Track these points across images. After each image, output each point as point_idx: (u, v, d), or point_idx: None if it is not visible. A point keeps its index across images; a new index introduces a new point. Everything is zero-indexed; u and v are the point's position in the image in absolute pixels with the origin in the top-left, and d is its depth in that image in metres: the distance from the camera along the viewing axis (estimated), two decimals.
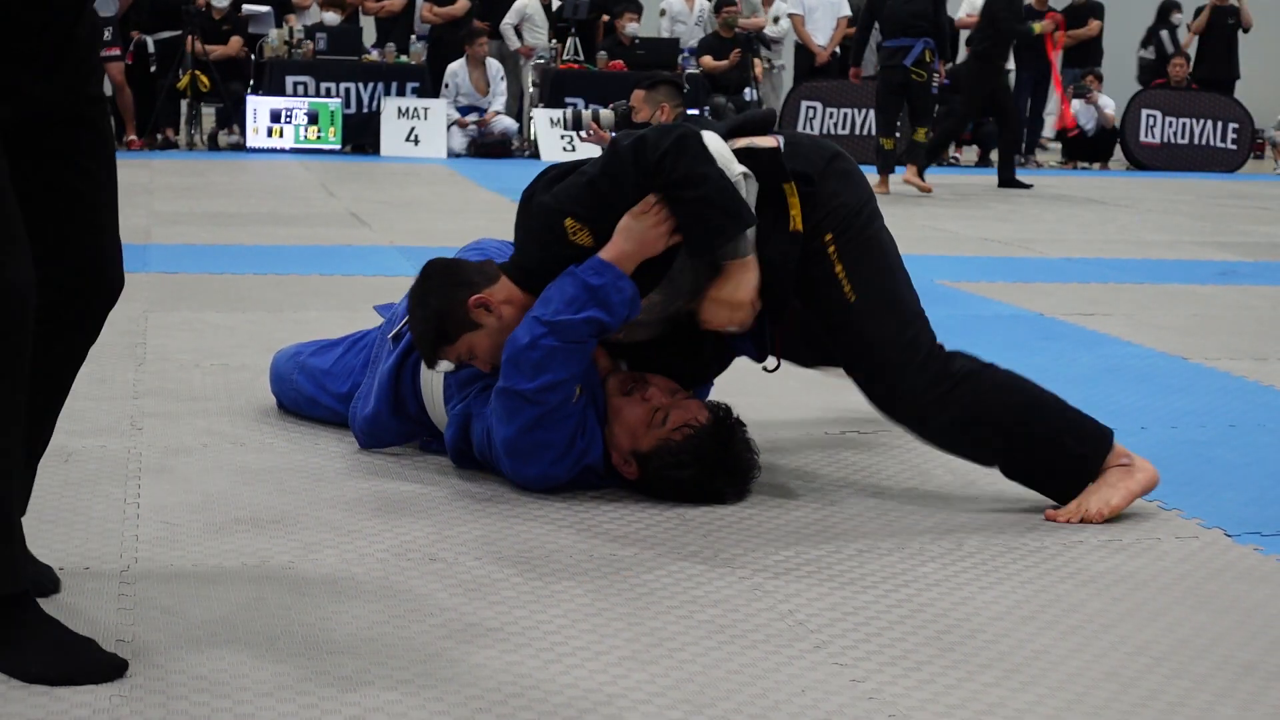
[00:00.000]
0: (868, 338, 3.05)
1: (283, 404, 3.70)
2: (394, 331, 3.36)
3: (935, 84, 10.76)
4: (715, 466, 3.05)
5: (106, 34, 12.30)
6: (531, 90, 13.80)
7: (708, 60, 13.96)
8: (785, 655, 2.29)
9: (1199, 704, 2.18)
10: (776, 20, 14.80)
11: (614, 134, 5.72)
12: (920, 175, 10.75)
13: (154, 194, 9.00)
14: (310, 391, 3.58)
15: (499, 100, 13.37)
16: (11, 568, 2.10)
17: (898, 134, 10.92)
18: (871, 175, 11.08)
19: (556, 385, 2.94)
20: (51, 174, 2.17)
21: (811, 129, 14.19)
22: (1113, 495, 3.04)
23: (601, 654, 2.27)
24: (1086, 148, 15.17)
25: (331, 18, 13.43)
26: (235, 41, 12.99)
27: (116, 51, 12.39)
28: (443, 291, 3.04)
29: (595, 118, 6.17)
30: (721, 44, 14.12)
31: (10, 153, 2.10)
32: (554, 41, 13.98)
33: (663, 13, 14.88)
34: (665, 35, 14.50)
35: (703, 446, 3.02)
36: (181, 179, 10.11)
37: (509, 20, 14.10)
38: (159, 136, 12.76)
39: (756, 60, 14.45)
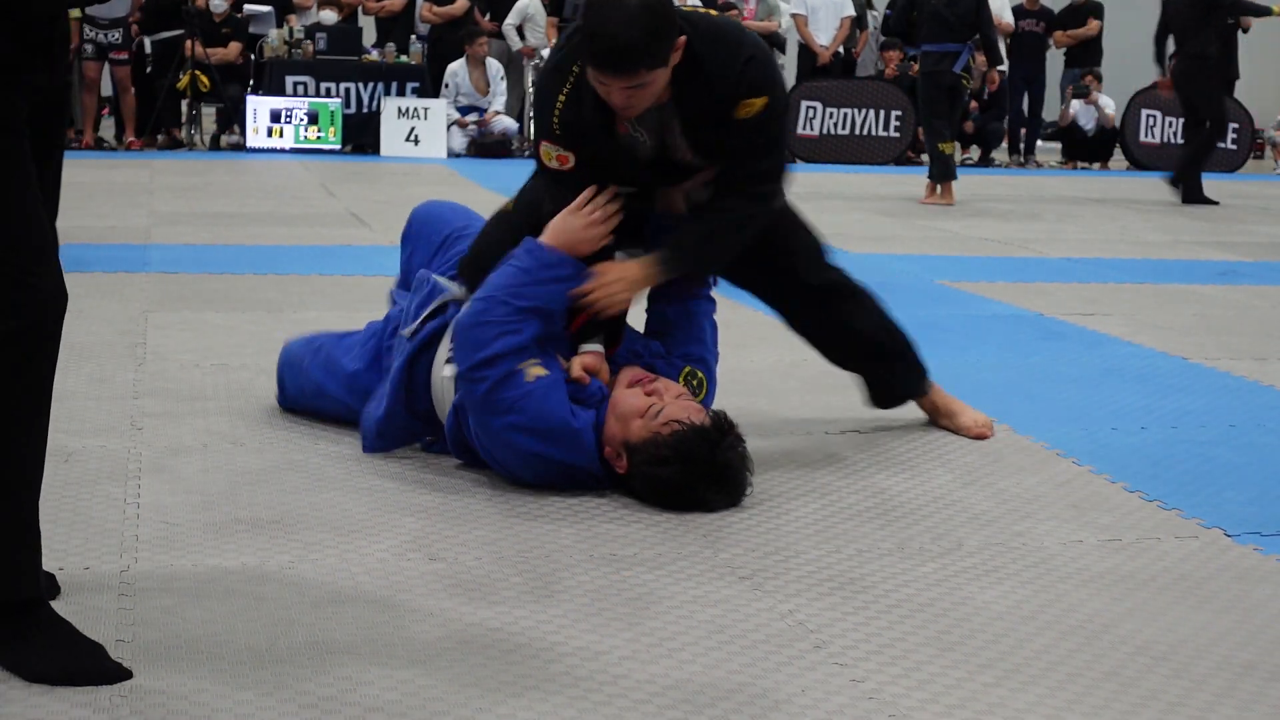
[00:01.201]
0: (805, 221, 3.58)
1: (285, 392, 3.67)
2: (410, 329, 3.34)
3: (969, 92, 10.39)
4: (700, 469, 2.97)
5: (116, 36, 12.32)
6: (532, 90, 13.80)
7: None
8: (785, 655, 2.29)
9: (1199, 704, 2.18)
10: (779, 23, 14.79)
11: None
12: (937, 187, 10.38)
13: (154, 194, 9.00)
14: (318, 378, 3.55)
15: (499, 100, 13.37)
16: (31, 573, 2.12)
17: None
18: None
19: (493, 360, 2.99)
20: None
21: (811, 129, 14.21)
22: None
23: (601, 654, 2.27)
24: (1086, 148, 15.18)
25: (329, 15, 13.43)
26: (235, 47, 12.99)
27: (125, 55, 12.40)
28: (672, 20, 2.99)
29: None
30: None
31: None
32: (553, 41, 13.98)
33: None
34: None
35: (688, 445, 2.96)
36: (181, 179, 10.11)
37: (510, 21, 14.10)
38: (159, 136, 12.76)
39: None
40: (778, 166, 3.27)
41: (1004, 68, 14.33)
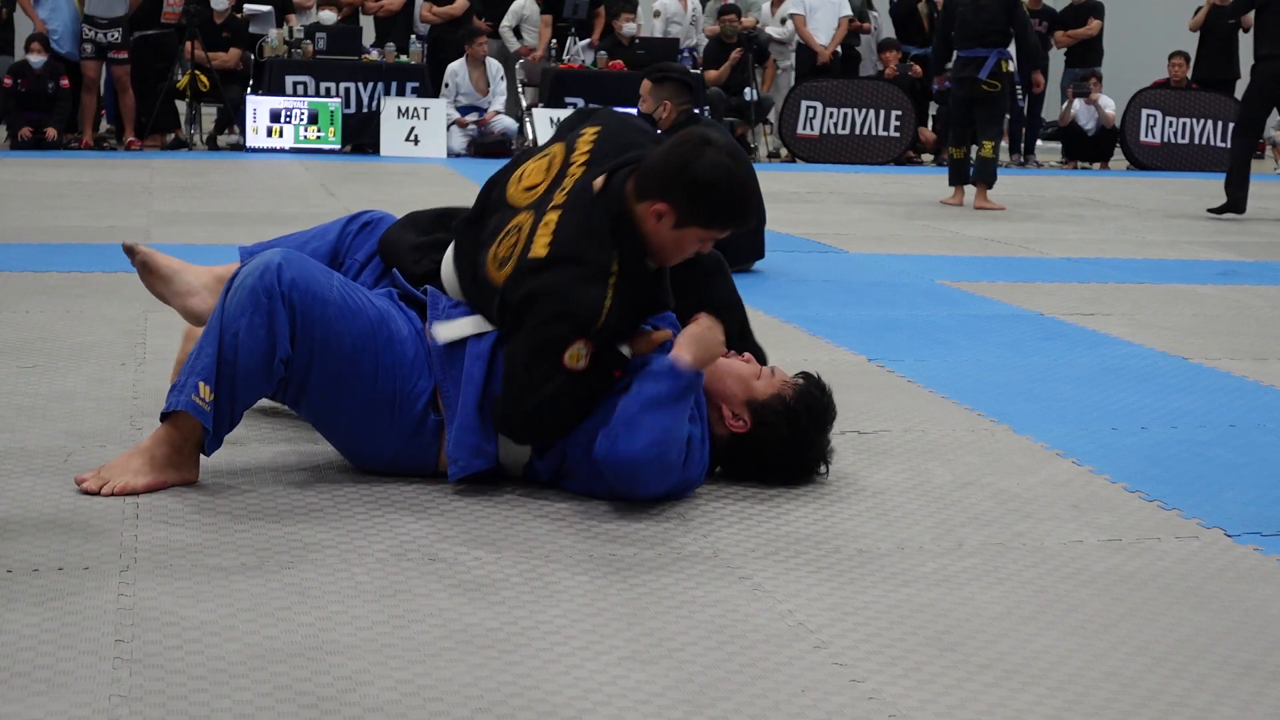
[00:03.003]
0: None
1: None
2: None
3: (1021, 96, 10.23)
4: (820, 417, 3.20)
5: (116, 35, 12.32)
6: (520, 89, 13.75)
7: (710, 74, 13.93)
8: (785, 655, 2.29)
9: (1199, 704, 2.18)
10: (784, 21, 14.79)
11: None
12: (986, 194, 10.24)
13: (154, 194, 9.01)
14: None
15: (499, 100, 13.37)
16: None
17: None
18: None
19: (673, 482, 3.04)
20: None
21: (811, 129, 14.21)
22: None
23: (601, 654, 2.27)
24: (1086, 148, 15.18)
25: (328, 15, 13.43)
26: (234, 53, 12.99)
27: (124, 55, 12.39)
28: None
29: None
30: (722, 50, 14.12)
31: None
32: (553, 41, 14.00)
33: (657, 14, 14.88)
34: (660, 36, 14.49)
35: (810, 397, 3.18)
36: (181, 179, 10.11)
37: (507, 23, 14.12)
38: (138, 125, 12.68)
39: (769, 63, 14.45)
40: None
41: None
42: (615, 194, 3.03)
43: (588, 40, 13.98)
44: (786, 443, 3.16)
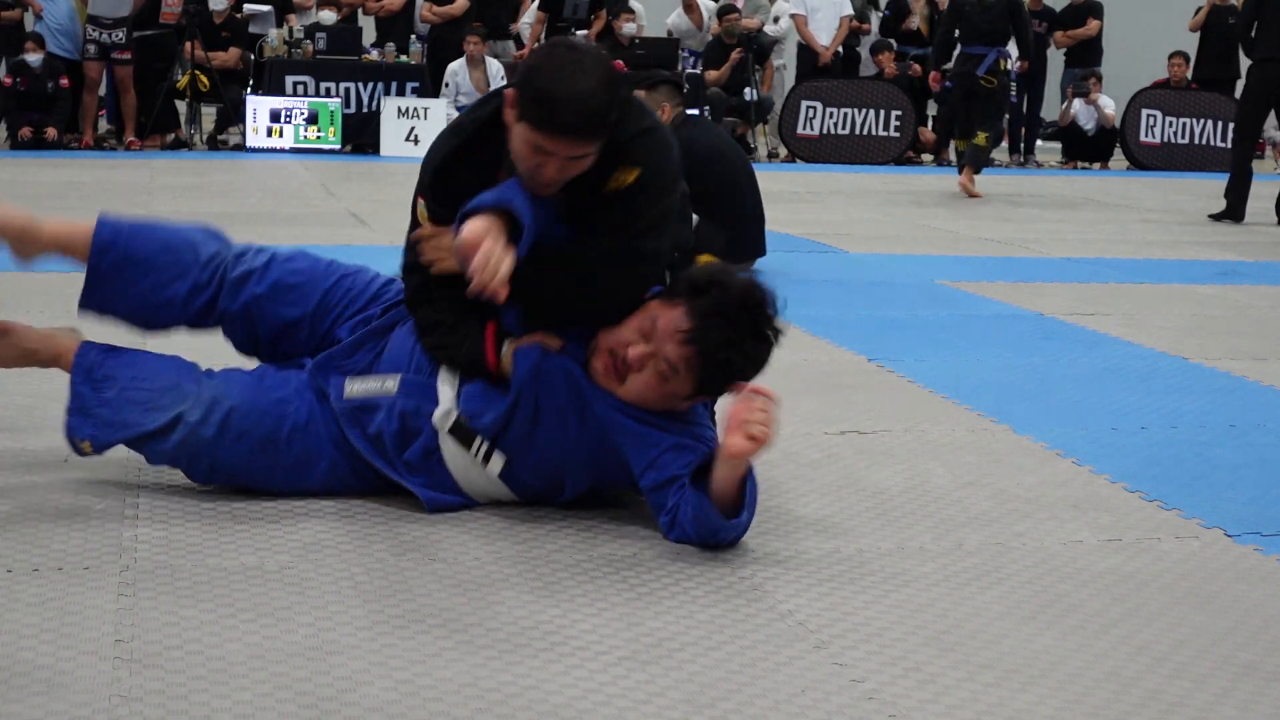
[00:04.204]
0: None
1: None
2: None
3: (1012, 91, 11.02)
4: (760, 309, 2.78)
5: (120, 35, 12.31)
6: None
7: (710, 74, 13.93)
8: (785, 655, 2.29)
9: (1199, 704, 2.18)
10: (776, 20, 14.80)
11: None
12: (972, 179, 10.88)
13: (154, 194, 9.01)
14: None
15: None
16: None
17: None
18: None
19: None
20: None
21: (812, 129, 14.21)
22: None
23: (601, 654, 2.27)
24: (1086, 148, 15.18)
25: (328, 15, 13.43)
26: (234, 53, 13.00)
27: (129, 55, 12.39)
28: (625, 89, 2.81)
29: None
30: (723, 50, 14.12)
31: None
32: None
33: (670, 34, 14.87)
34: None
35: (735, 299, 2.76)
36: (181, 179, 10.11)
37: (526, 20, 14.15)
38: (138, 125, 12.68)
39: (768, 63, 14.46)
40: (655, 251, 2.88)
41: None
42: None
43: (584, 36, 13.98)
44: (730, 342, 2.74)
